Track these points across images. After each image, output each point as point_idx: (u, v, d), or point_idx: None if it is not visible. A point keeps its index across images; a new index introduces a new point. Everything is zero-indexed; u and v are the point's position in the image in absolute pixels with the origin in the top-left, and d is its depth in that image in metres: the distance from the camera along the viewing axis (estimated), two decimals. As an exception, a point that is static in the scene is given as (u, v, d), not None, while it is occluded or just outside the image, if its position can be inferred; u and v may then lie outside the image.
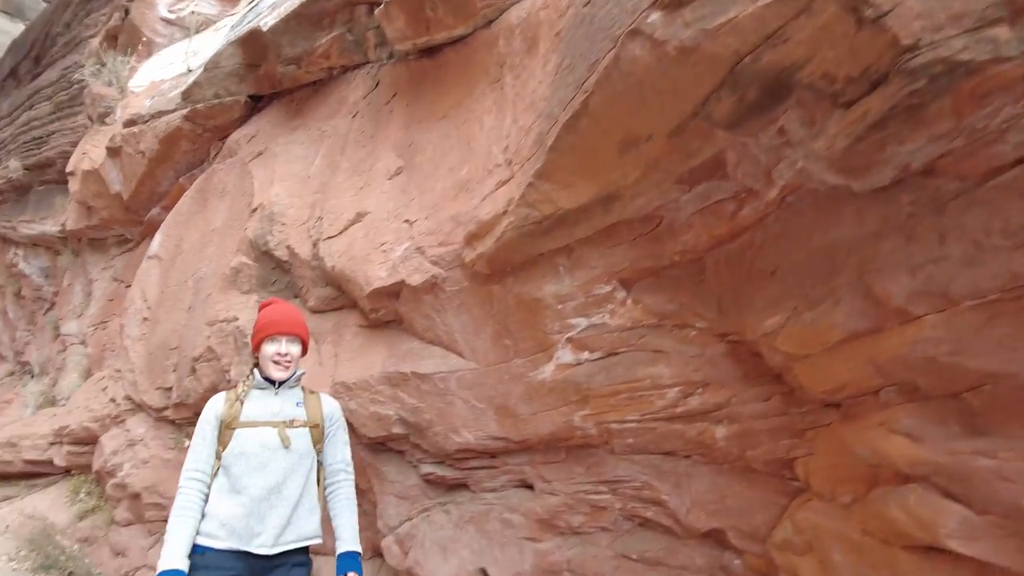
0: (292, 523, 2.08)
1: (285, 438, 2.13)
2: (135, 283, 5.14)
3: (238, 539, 1.99)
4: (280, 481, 2.07)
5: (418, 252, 2.60)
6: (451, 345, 2.59)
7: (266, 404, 2.20)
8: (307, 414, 2.24)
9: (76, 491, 5.17)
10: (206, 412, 2.18)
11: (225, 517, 2.00)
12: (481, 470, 2.63)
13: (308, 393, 2.34)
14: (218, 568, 1.97)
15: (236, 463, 2.08)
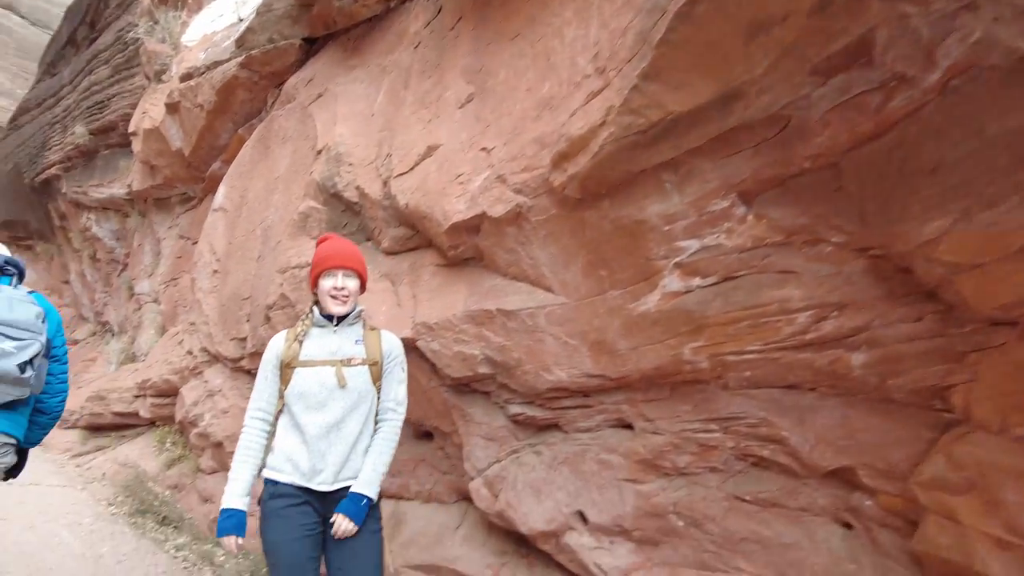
0: (351, 461, 2.08)
1: (341, 377, 2.09)
2: (202, 237, 5.15)
3: (301, 475, 2.03)
4: (338, 419, 2.06)
5: (499, 181, 2.41)
6: (538, 280, 2.42)
7: (325, 342, 2.16)
8: (366, 352, 2.18)
9: (162, 441, 5.33)
10: (267, 352, 2.19)
11: (289, 453, 2.06)
12: (574, 410, 2.49)
13: (369, 330, 2.26)
14: (290, 496, 2.03)
15: (296, 403, 2.08)
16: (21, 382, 2.37)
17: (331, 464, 2.04)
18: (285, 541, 2.02)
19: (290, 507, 2.03)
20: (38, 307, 2.50)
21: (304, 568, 2.01)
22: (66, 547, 3.70)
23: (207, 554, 4.02)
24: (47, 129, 10.13)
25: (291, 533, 2.01)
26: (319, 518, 2.07)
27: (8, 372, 2.31)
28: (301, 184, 3.80)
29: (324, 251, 2.23)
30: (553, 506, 2.49)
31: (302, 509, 2.03)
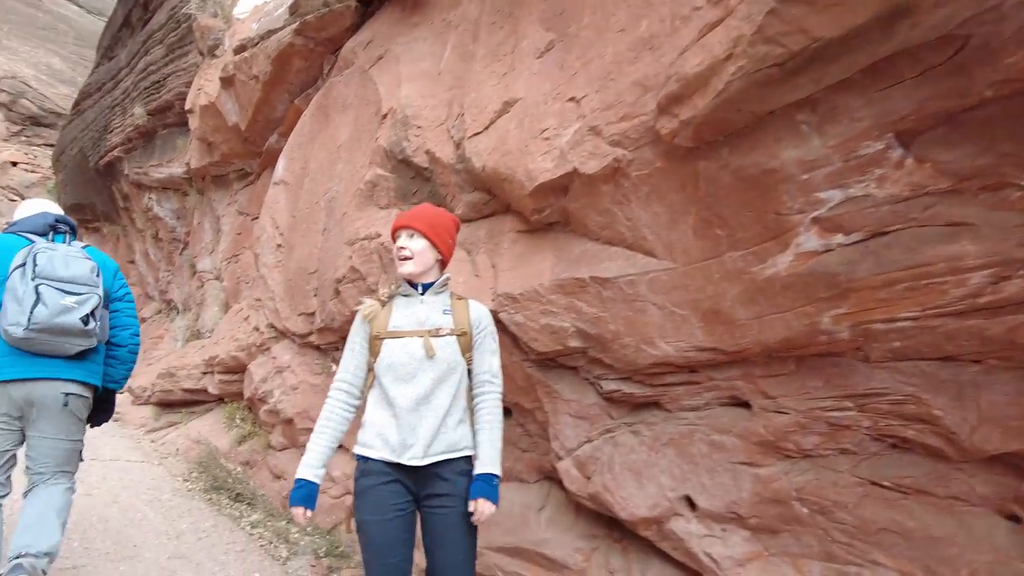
0: (441, 434, 2.00)
1: (430, 348, 2.01)
2: (263, 211, 5.07)
3: (391, 450, 1.98)
4: (428, 392, 1.99)
5: (592, 133, 2.17)
6: (637, 243, 2.18)
7: (412, 312, 2.09)
8: (454, 321, 2.09)
9: (231, 417, 5.34)
10: (355, 322, 2.14)
11: (379, 427, 2.01)
12: (679, 386, 2.26)
13: (456, 299, 2.17)
14: (380, 474, 1.98)
15: (386, 375, 2.03)
16: (87, 333, 2.53)
17: (422, 438, 1.97)
18: (376, 521, 1.96)
19: (380, 485, 1.97)
20: (91, 261, 2.65)
21: (395, 548, 1.94)
22: (149, 523, 3.71)
23: (282, 531, 3.99)
24: (108, 112, 10.28)
25: (382, 513, 1.95)
26: (410, 496, 2.01)
27: (74, 325, 2.47)
28: (366, 151, 3.63)
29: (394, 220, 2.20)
30: (657, 491, 2.29)
31: (392, 488, 1.97)
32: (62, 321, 2.44)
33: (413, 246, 2.10)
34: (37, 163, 19.73)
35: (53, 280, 2.47)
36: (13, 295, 2.41)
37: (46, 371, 2.49)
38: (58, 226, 2.71)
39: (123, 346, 2.87)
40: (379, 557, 1.92)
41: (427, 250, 2.11)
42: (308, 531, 4.02)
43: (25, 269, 2.44)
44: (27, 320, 2.37)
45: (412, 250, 2.09)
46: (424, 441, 1.96)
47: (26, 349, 2.46)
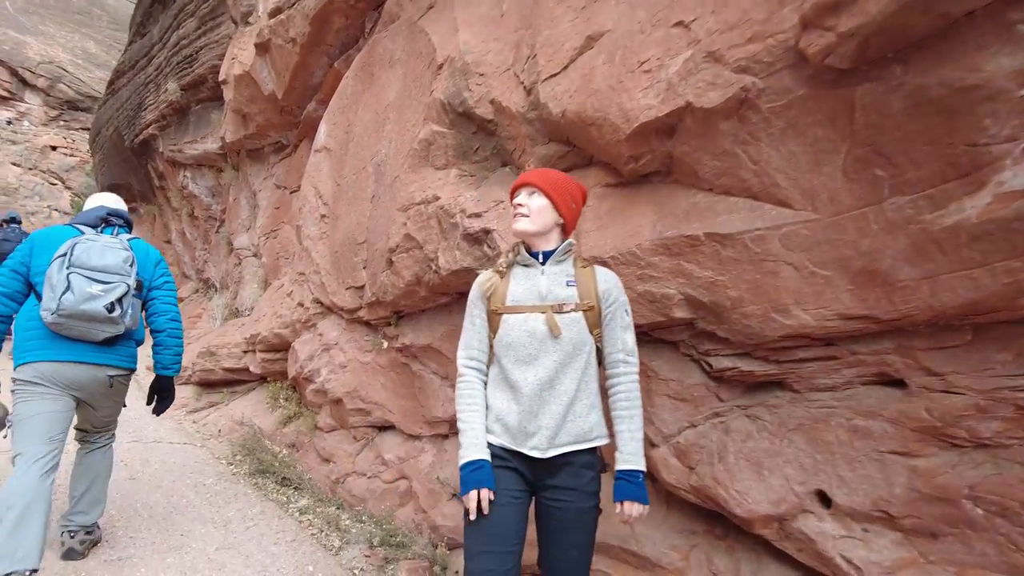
0: (568, 423, 1.79)
1: (555, 326, 1.79)
2: (305, 181, 4.79)
3: (511, 438, 1.81)
4: (552, 375, 1.78)
5: (710, 59, 1.81)
6: (767, 190, 1.82)
7: (532, 284, 1.87)
8: (579, 294, 1.85)
9: (274, 397, 5.14)
10: (472, 293, 1.95)
11: (500, 412, 1.83)
12: (812, 362, 1.91)
13: (580, 267, 1.92)
14: (501, 459, 1.81)
15: (505, 354, 1.84)
16: (112, 320, 2.63)
17: (545, 427, 1.78)
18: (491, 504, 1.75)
19: (499, 468, 1.79)
20: (128, 252, 2.75)
21: (504, 537, 1.75)
22: (194, 510, 3.50)
23: (332, 518, 3.76)
24: (142, 90, 10.13)
25: (497, 497, 1.76)
26: (526, 486, 1.83)
27: (98, 312, 2.57)
28: (418, 108, 3.30)
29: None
30: (782, 484, 1.95)
31: (508, 473, 1.80)
32: (87, 308, 2.55)
33: (531, 203, 1.89)
34: (75, 147, 19.92)
35: (84, 269, 2.59)
36: (49, 282, 2.55)
37: (80, 355, 2.64)
38: (109, 219, 2.90)
39: (161, 331, 2.98)
40: (485, 545, 1.73)
41: (547, 210, 1.89)
42: (361, 518, 3.79)
43: (64, 259, 2.58)
44: (55, 306, 2.51)
45: (529, 207, 1.88)
46: (549, 431, 1.77)
47: (58, 333, 2.60)
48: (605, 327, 1.87)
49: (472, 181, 2.94)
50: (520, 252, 1.90)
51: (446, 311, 3.39)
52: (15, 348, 2.63)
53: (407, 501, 3.73)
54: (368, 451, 4.06)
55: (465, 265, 2.79)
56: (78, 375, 2.64)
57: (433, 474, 3.55)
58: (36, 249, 2.72)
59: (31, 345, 2.60)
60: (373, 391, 3.98)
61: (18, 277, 2.66)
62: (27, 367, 2.58)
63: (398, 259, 3.30)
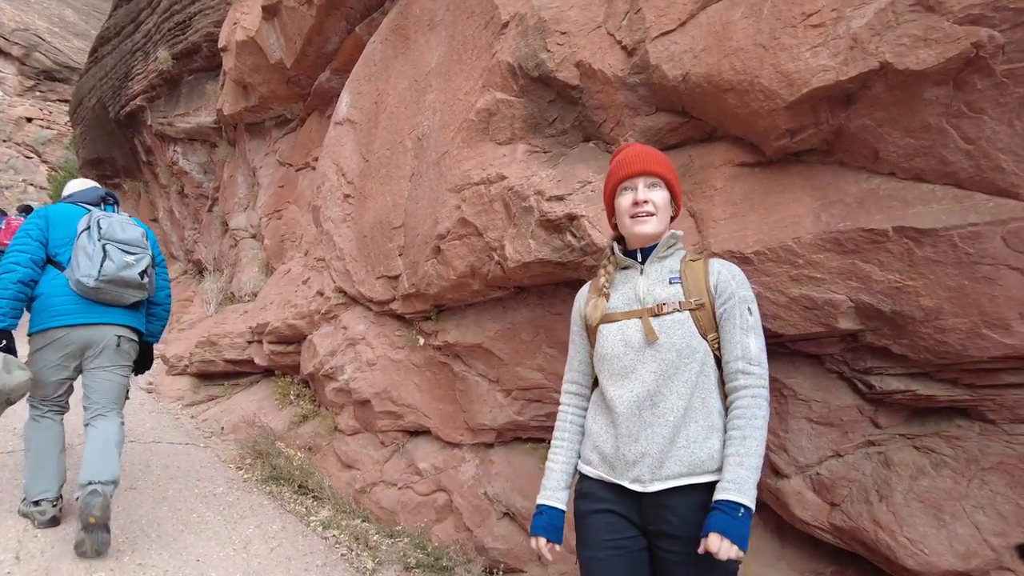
0: (678, 449, 1.45)
1: (650, 330, 1.50)
2: (324, 156, 4.35)
3: (609, 468, 1.53)
4: (652, 390, 1.48)
5: (920, 8, 1.43)
6: (983, 177, 1.46)
7: (630, 288, 1.60)
8: (685, 291, 1.53)
9: (284, 393, 4.72)
10: (573, 311, 1.75)
11: (597, 438, 1.58)
12: (1020, 388, 1.56)
13: (689, 262, 1.59)
14: (594, 498, 1.56)
15: (601, 370, 1.59)
16: (142, 287, 3.00)
17: (648, 454, 1.46)
18: (589, 559, 1.53)
19: (592, 514, 1.54)
20: (140, 228, 3.14)
21: None
22: (208, 527, 3.09)
23: (359, 533, 3.38)
24: (128, 58, 9.49)
25: (593, 549, 1.52)
26: (634, 530, 1.51)
27: (133, 279, 2.91)
28: (474, 73, 2.89)
29: (616, 161, 1.67)
30: (970, 533, 1.61)
31: (605, 519, 1.52)
32: (125, 275, 2.88)
33: (656, 199, 1.58)
34: (52, 119, 19.05)
35: (115, 241, 2.91)
36: (84, 252, 2.83)
37: (106, 317, 2.91)
38: (107, 198, 3.22)
39: (159, 304, 3.30)
40: None
41: (668, 205, 1.62)
42: (393, 534, 3.41)
43: (91, 232, 2.88)
44: (97, 272, 2.80)
45: (656, 204, 1.58)
46: (652, 459, 1.46)
47: (94, 298, 2.87)
48: (721, 329, 1.51)
49: (547, 158, 2.55)
50: (617, 254, 1.64)
51: (500, 307, 3.00)
52: (44, 313, 2.82)
53: (446, 516, 3.36)
54: (398, 458, 3.67)
55: (541, 256, 2.40)
56: (96, 335, 2.88)
57: (479, 488, 3.18)
58: (52, 223, 2.95)
59: (66, 309, 2.82)
60: (406, 392, 3.58)
61: (43, 248, 2.89)
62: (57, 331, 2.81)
63: (449, 247, 2.89)
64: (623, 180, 1.61)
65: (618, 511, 1.50)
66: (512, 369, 2.93)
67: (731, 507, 1.36)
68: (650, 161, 1.60)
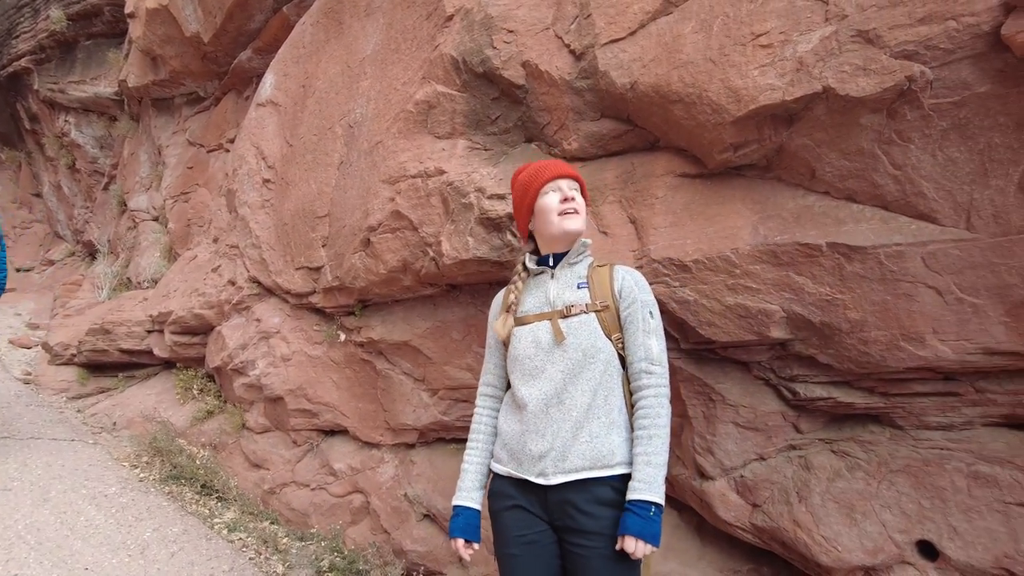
0: (580, 443, 1.50)
1: (559, 332, 1.56)
2: (243, 139, 4.12)
3: (517, 464, 1.57)
4: (559, 388, 1.53)
5: (861, 40, 1.52)
6: (907, 200, 1.57)
7: (542, 292, 1.65)
8: (591, 294, 1.60)
9: (187, 387, 4.43)
10: (490, 316, 1.79)
11: (506, 435, 1.62)
12: (927, 397, 1.69)
13: (596, 268, 1.65)
14: (504, 496, 1.59)
15: (514, 370, 1.63)
16: None
17: (553, 448, 1.50)
18: (506, 556, 1.56)
19: (503, 511, 1.58)
20: None
21: None
22: (98, 531, 2.83)
23: (268, 536, 3.22)
24: (13, 13, 8.63)
25: (506, 545, 1.56)
26: (544, 525, 1.54)
27: None
28: (413, 64, 2.82)
29: (530, 170, 1.71)
30: (878, 531, 1.72)
31: (515, 515, 1.56)
32: None
33: (580, 200, 1.66)
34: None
35: None
36: None
37: None
38: None
39: None
40: None
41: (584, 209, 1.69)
42: (303, 536, 3.27)
43: None
44: None
45: (579, 204, 1.65)
46: (556, 453, 1.50)
47: None
48: (625, 331, 1.58)
49: (488, 156, 2.52)
50: (529, 265, 1.69)
51: (430, 304, 2.94)
52: None
53: (362, 518, 3.26)
54: (312, 458, 3.53)
55: (479, 255, 2.37)
56: None
57: (398, 490, 3.10)
58: None
59: None
60: (323, 390, 3.45)
61: None
62: None
63: (380, 240, 2.81)
64: (549, 181, 1.64)
65: (526, 507, 1.54)
66: (440, 368, 2.88)
67: (643, 507, 1.42)
68: (569, 168, 1.69)
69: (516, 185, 1.73)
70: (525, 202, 1.68)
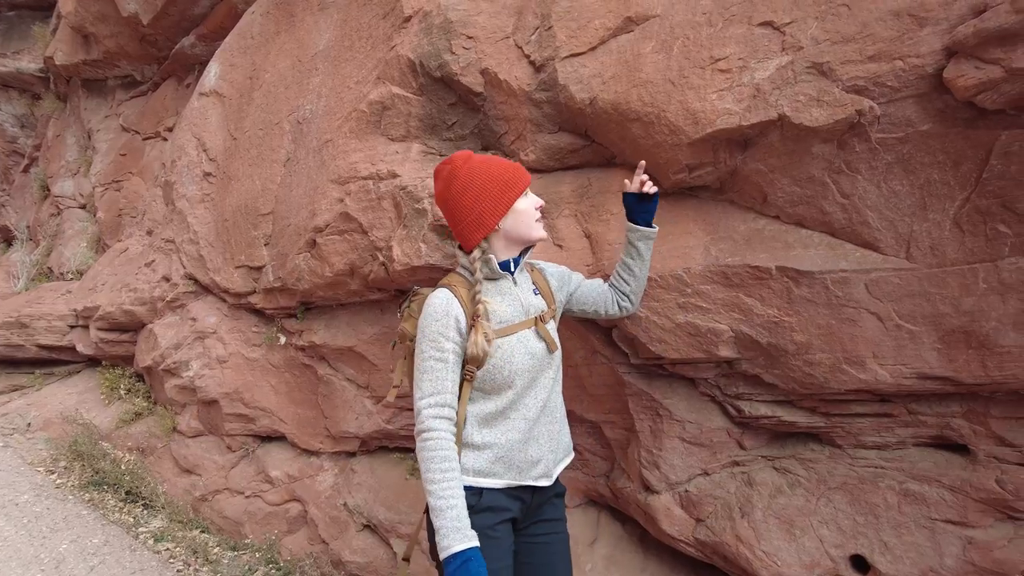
0: (561, 441, 1.65)
1: (551, 340, 1.59)
2: (183, 128, 3.93)
3: (517, 472, 1.54)
4: (548, 394, 1.60)
5: (813, 72, 1.57)
6: (852, 229, 1.63)
7: (512, 298, 1.59)
8: (545, 299, 1.66)
9: (113, 387, 4.20)
10: (441, 320, 1.48)
11: (502, 448, 1.52)
12: (864, 418, 1.75)
13: (535, 273, 1.72)
14: (500, 510, 1.51)
15: (510, 384, 1.52)
16: None
17: (548, 451, 1.58)
18: (501, 569, 1.47)
19: (500, 524, 1.51)
20: None
21: None
22: (6, 544, 2.64)
23: (198, 546, 3.08)
24: (-74, -23, 7.99)
25: (503, 559, 1.49)
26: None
27: None
28: (370, 63, 2.75)
29: (504, 167, 1.57)
30: (815, 546, 1.78)
31: (508, 527, 1.54)
32: None
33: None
34: None
35: None
36: None
37: None
38: None
39: None
40: None
41: None
42: (238, 545, 3.14)
43: None
44: None
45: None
46: (551, 455, 1.60)
47: None
48: (577, 294, 1.77)
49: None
50: (493, 265, 1.55)
51: (377, 309, 2.88)
52: None
53: (299, 528, 3.16)
54: (247, 464, 3.40)
55: (432, 261, 2.33)
56: None
57: (337, 499, 3.02)
58: None
59: None
60: (261, 394, 3.33)
61: None
62: None
63: (327, 241, 2.73)
64: (526, 185, 1.57)
65: (515, 515, 1.55)
66: (386, 375, 2.82)
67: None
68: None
69: (488, 178, 1.53)
70: (504, 199, 1.52)
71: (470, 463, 1.49)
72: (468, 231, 1.54)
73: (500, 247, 1.57)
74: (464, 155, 1.59)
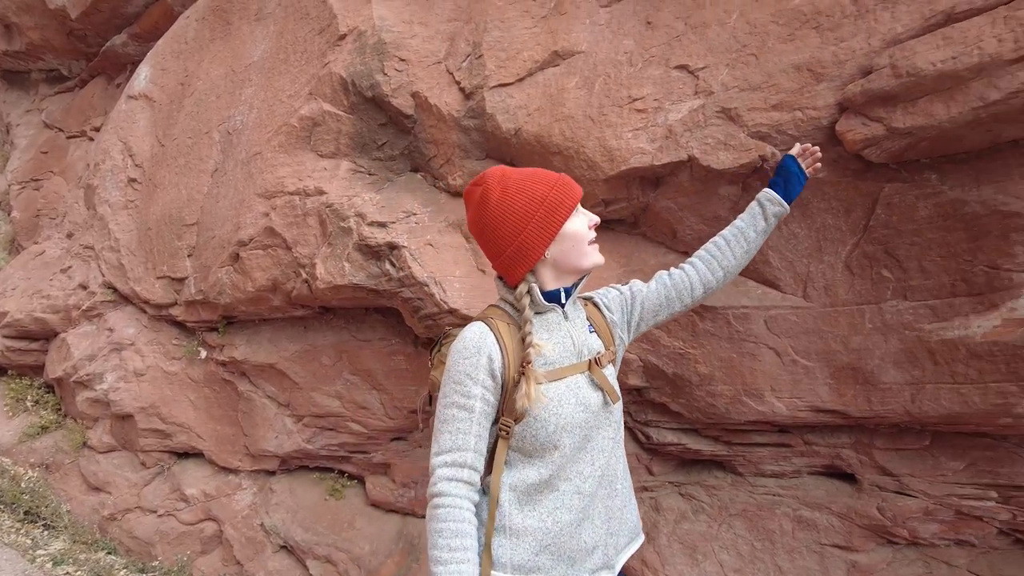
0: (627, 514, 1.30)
1: (610, 389, 1.23)
2: (109, 131, 3.79)
3: (569, 564, 1.18)
4: (607, 459, 1.24)
5: (723, 117, 1.66)
6: (754, 268, 1.72)
7: (562, 335, 1.23)
8: (602, 340, 1.30)
9: (19, 398, 3.98)
10: (470, 358, 1.16)
11: (550, 534, 1.17)
12: (764, 447, 1.84)
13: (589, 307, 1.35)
14: None
15: (556, 443, 1.17)
16: None
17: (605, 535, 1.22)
18: None
19: None
20: None
21: None
22: None
23: (102, 569, 2.94)
24: None
25: None
26: None
27: None
28: (303, 78, 2.73)
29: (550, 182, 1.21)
30: (716, 571, 1.85)
31: None
32: None
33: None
34: None
35: None
36: None
37: None
38: None
39: None
40: None
41: None
42: (147, 567, 3.01)
43: None
44: None
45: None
46: (611, 539, 1.24)
47: None
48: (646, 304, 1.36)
49: (371, 181, 2.48)
50: (536, 297, 1.20)
51: (300, 326, 2.84)
52: None
53: (213, 548, 3.06)
54: (161, 482, 3.27)
55: (356, 281, 2.32)
56: None
57: (254, 519, 2.94)
58: None
59: None
60: (178, 409, 3.22)
61: None
62: None
63: (250, 255, 2.68)
64: (577, 202, 1.22)
65: None
66: (307, 394, 2.77)
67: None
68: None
69: (529, 200, 1.19)
70: (550, 224, 1.18)
71: (507, 554, 1.16)
72: (509, 265, 1.21)
73: (548, 278, 1.23)
74: (498, 173, 1.25)
